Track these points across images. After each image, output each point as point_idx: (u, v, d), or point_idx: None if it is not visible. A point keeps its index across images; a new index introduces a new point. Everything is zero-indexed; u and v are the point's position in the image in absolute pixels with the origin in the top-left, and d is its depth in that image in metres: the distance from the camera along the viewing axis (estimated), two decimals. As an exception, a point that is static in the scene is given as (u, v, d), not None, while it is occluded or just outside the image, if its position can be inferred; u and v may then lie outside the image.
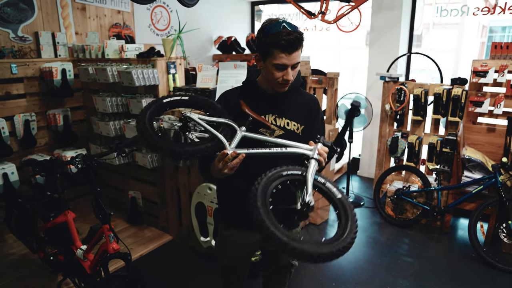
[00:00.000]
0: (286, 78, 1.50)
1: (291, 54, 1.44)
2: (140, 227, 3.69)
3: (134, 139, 2.53)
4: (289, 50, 1.43)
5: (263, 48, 1.48)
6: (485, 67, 3.47)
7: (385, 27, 4.63)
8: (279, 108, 1.62)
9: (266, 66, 1.51)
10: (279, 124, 1.61)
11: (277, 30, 1.43)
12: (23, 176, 3.48)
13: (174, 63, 3.30)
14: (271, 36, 1.43)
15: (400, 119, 4.10)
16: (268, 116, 1.61)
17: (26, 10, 3.64)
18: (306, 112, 1.67)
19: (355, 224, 1.32)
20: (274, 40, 1.42)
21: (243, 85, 1.71)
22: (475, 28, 10.67)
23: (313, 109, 1.70)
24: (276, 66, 1.47)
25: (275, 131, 1.60)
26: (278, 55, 1.44)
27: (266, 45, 1.46)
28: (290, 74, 1.49)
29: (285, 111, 1.63)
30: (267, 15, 6.53)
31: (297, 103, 1.66)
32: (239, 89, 1.71)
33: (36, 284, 2.83)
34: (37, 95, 3.67)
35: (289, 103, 1.64)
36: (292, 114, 1.63)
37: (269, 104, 1.62)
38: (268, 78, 1.54)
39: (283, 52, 1.43)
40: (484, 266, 3.10)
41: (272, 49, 1.44)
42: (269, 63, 1.48)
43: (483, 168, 3.39)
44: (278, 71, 1.48)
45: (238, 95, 1.65)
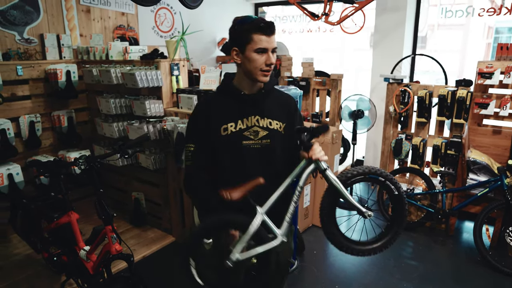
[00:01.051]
0: (269, 62, 1.52)
1: (270, 36, 1.50)
2: (143, 228, 3.70)
3: (137, 141, 2.53)
4: (268, 32, 1.49)
5: (241, 37, 1.51)
6: (491, 68, 3.44)
7: (389, 28, 4.62)
8: (260, 108, 1.62)
9: (247, 56, 1.52)
10: (262, 125, 1.61)
11: (252, 19, 1.50)
12: (28, 177, 3.50)
13: (178, 64, 3.31)
14: (248, 24, 1.49)
15: (404, 121, 4.08)
16: (250, 117, 1.60)
17: (32, 13, 3.67)
18: (286, 110, 1.69)
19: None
20: (253, 26, 1.48)
21: (220, 90, 1.69)
22: (480, 29, 10.61)
23: (291, 106, 1.73)
24: (257, 51, 1.50)
25: (259, 133, 1.60)
26: (258, 38, 1.48)
27: (245, 32, 1.49)
28: (271, 57, 1.52)
29: (267, 111, 1.63)
30: (271, 16, 6.54)
31: (276, 103, 1.68)
32: (217, 94, 1.69)
33: (40, 284, 2.85)
34: (42, 97, 3.70)
35: (269, 103, 1.65)
36: (273, 114, 1.64)
37: (250, 105, 1.61)
38: (250, 69, 1.53)
39: (263, 34, 1.48)
40: (489, 270, 3.07)
41: (251, 34, 1.48)
42: (249, 50, 1.50)
43: (489, 171, 3.36)
44: (260, 56, 1.50)
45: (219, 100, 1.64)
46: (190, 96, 3.08)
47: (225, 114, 1.59)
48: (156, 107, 3.18)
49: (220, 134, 1.56)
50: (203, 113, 1.61)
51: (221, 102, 1.62)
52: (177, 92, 3.24)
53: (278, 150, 1.63)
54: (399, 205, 1.73)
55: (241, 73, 1.60)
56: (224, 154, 1.58)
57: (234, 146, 1.57)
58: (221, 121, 1.57)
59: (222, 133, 1.56)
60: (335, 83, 4.62)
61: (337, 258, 3.27)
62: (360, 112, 4.12)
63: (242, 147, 1.57)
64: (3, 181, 3.19)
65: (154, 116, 3.19)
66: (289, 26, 6.06)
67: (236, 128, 1.57)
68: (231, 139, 1.57)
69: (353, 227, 1.77)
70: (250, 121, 1.59)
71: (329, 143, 3.56)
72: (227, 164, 1.58)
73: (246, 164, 1.57)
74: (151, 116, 3.18)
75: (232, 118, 1.58)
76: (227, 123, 1.57)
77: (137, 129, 3.18)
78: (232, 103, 1.61)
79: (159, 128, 3.14)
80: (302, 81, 4.85)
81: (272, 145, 1.61)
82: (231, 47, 1.57)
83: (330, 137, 3.56)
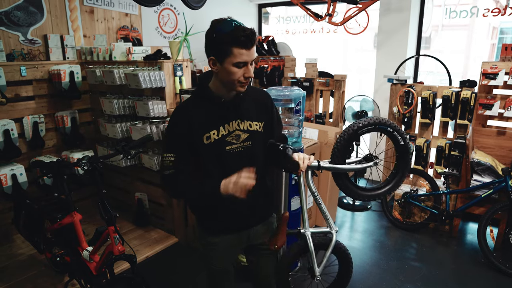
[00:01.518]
0: (248, 75, 1.48)
1: (250, 49, 1.44)
2: (146, 228, 3.70)
3: (139, 141, 2.53)
4: (249, 45, 1.42)
5: (220, 49, 1.44)
6: (495, 69, 3.42)
7: (393, 29, 4.60)
8: (240, 112, 1.61)
9: (225, 68, 1.46)
10: (243, 128, 1.61)
11: (231, 28, 1.41)
12: (32, 177, 3.51)
13: (181, 65, 3.31)
14: (227, 35, 1.40)
15: (408, 121, 4.07)
16: (231, 122, 1.59)
17: (36, 14, 3.69)
18: (264, 109, 1.70)
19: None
20: (232, 38, 1.40)
21: (197, 95, 1.63)
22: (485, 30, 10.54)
23: (268, 103, 1.73)
24: (236, 65, 1.44)
25: (241, 136, 1.60)
26: (239, 52, 1.42)
27: (223, 45, 1.42)
28: (251, 70, 1.48)
29: (246, 114, 1.62)
30: (274, 17, 6.53)
31: (253, 103, 1.67)
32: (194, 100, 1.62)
33: (44, 284, 2.85)
34: (45, 97, 3.71)
35: (247, 105, 1.64)
36: (252, 115, 1.64)
37: (231, 110, 1.59)
38: (228, 80, 1.49)
39: (243, 48, 1.42)
40: (493, 272, 3.05)
41: (230, 47, 1.41)
42: (228, 63, 1.44)
43: (493, 172, 3.34)
44: (239, 69, 1.46)
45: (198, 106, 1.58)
46: (193, 97, 3.08)
47: (206, 121, 1.56)
48: (159, 107, 3.19)
49: (203, 143, 1.54)
50: (183, 122, 1.55)
51: (200, 109, 1.57)
52: (180, 93, 3.24)
53: (258, 149, 1.66)
54: (405, 154, 1.94)
55: (217, 81, 1.56)
56: (208, 161, 1.57)
57: (217, 152, 1.57)
58: (203, 130, 1.55)
59: (205, 142, 1.55)
60: (339, 84, 4.61)
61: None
62: (363, 113, 4.10)
63: (225, 153, 1.57)
64: (7, 181, 3.20)
65: (157, 116, 3.19)
66: (293, 26, 6.06)
67: (218, 135, 1.56)
68: (214, 146, 1.56)
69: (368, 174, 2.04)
70: (232, 126, 1.59)
71: (333, 144, 3.54)
72: (211, 169, 1.58)
73: (230, 168, 1.54)
74: (154, 117, 3.18)
75: (213, 125, 1.56)
76: (210, 131, 1.55)
77: (140, 130, 3.18)
78: (212, 109, 1.57)
79: (162, 128, 3.15)
80: (305, 81, 4.84)
81: (253, 145, 1.63)
82: (209, 55, 1.50)
83: (334, 138, 3.55)
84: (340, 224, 3.94)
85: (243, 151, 1.60)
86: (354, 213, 4.20)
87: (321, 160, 1.82)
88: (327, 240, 1.92)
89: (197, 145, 1.54)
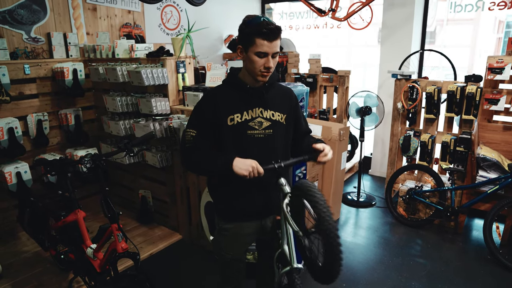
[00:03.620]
0: (268, 66, 1.60)
1: (271, 42, 1.57)
2: (150, 226, 3.71)
3: (142, 139, 2.53)
4: (270, 37, 1.56)
5: (246, 38, 1.60)
6: (501, 63, 3.38)
7: (397, 24, 4.55)
8: (264, 101, 1.74)
9: (248, 56, 1.61)
10: (265, 116, 1.73)
11: (258, 21, 1.56)
12: (36, 175, 3.53)
13: (184, 62, 3.30)
14: (253, 26, 1.56)
15: (412, 117, 4.03)
16: (255, 109, 1.71)
17: (39, 12, 3.69)
18: (287, 102, 1.82)
19: None
20: (256, 30, 1.55)
21: (226, 82, 1.78)
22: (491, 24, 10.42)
23: (292, 98, 1.86)
24: (258, 54, 1.58)
25: (263, 123, 1.72)
26: (260, 42, 1.56)
27: (248, 35, 1.58)
28: (271, 61, 1.61)
29: (270, 103, 1.75)
30: (278, 13, 6.50)
31: (278, 95, 1.80)
32: (224, 87, 1.77)
33: (49, 281, 2.87)
34: (49, 95, 3.72)
35: (271, 96, 1.76)
36: (275, 106, 1.76)
37: (255, 98, 1.72)
38: (250, 68, 1.64)
39: (265, 40, 1.56)
40: (499, 268, 3.02)
41: (254, 37, 1.56)
42: (251, 52, 1.60)
43: (499, 168, 3.30)
44: (260, 59, 1.59)
45: (226, 92, 1.74)
46: (196, 94, 3.07)
47: (231, 105, 1.69)
48: (162, 104, 3.18)
49: (226, 124, 1.67)
50: (210, 103, 1.70)
51: (227, 94, 1.72)
52: (183, 90, 3.23)
53: (279, 138, 1.77)
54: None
55: (245, 69, 1.71)
56: (230, 143, 1.69)
57: (239, 135, 1.69)
58: (228, 112, 1.67)
59: (228, 123, 1.67)
60: (343, 80, 4.58)
61: (343, 256, 3.24)
62: (367, 108, 4.08)
63: (247, 136, 1.69)
64: (12, 179, 3.22)
65: (160, 114, 3.19)
66: (296, 22, 6.02)
67: (241, 118, 1.68)
68: (237, 128, 1.68)
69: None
70: (255, 113, 1.71)
71: (336, 140, 3.53)
72: (230, 149, 1.69)
73: (251, 152, 1.68)
74: (157, 114, 3.18)
75: (238, 109, 1.69)
76: (233, 113, 1.68)
77: (144, 127, 3.18)
78: (238, 95, 1.71)
79: (165, 126, 3.14)
80: (309, 77, 4.82)
81: (274, 134, 1.74)
82: (238, 44, 1.67)
83: (337, 134, 3.53)
84: (345, 221, 3.93)
85: (263, 138, 1.72)
86: (359, 209, 4.18)
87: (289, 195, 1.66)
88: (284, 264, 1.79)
89: (221, 125, 1.67)
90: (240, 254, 1.94)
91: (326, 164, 3.65)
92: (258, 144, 1.71)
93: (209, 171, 1.77)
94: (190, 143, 1.69)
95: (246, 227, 1.84)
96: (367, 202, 4.27)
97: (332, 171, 3.62)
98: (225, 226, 1.85)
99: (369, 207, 4.21)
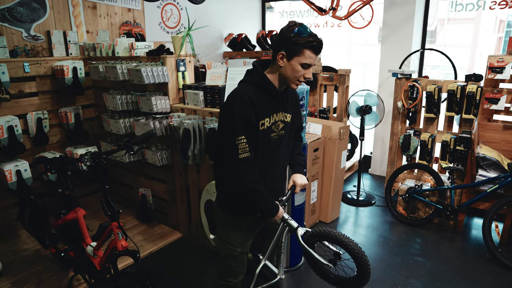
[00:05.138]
0: (308, 76, 1.68)
1: (317, 55, 1.65)
2: (150, 224, 3.71)
3: (142, 137, 2.53)
4: (318, 51, 1.64)
5: (293, 47, 1.62)
6: (502, 62, 3.37)
7: (398, 23, 4.55)
8: (284, 104, 1.81)
9: (291, 64, 1.65)
10: (282, 119, 1.80)
11: (307, 33, 1.61)
12: (36, 173, 3.53)
13: (184, 60, 3.30)
14: (304, 38, 1.60)
15: (412, 116, 4.03)
16: (279, 113, 1.78)
17: (38, 10, 3.69)
18: (294, 103, 1.91)
19: None
20: (308, 42, 1.60)
21: (257, 85, 1.72)
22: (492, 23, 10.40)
23: (297, 99, 1.94)
24: (303, 65, 1.64)
25: (279, 126, 1.80)
26: (309, 54, 1.62)
27: (298, 45, 1.60)
28: (310, 73, 1.69)
29: (286, 105, 1.83)
30: (278, 11, 6.49)
31: (290, 97, 1.86)
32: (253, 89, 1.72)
33: (49, 279, 2.88)
34: (49, 93, 3.72)
35: (287, 98, 1.84)
36: (288, 108, 1.85)
37: (280, 102, 1.78)
38: (289, 75, 1.67)
39: (313, 53, 1.63)
40: (498, 267, 3.03)
41: (303, 49, 1.61)
42: (295, 61, 1.63)
43: (499, 167, 3.30)
44: (303, 70, 1.65)
45: (258, 96, 1.70)
46: (196, 92, 3.07)
47: (264, 109, 1.72)
48: (162, 103, 3.18)
49: (259, 129, 1.70)
50: (250, 107, 1.66)
51: (260, 98, 1.71)
52: (183, 88, 3.23)
53: (287, 138, 1.87)
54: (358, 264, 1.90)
55: (276, 73, 1.72)
56: (260, 145, 1.73)
57: (265, 138, 1.74)
58: (261, 117, 1.70)
59: (260, 128, 1.71)
60: (343, 79, 4.58)
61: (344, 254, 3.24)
62: (367, 107, 4.07)
63: (269, 139, 1.76)
64: (12, 177, 3.22)
65: (160, 112, 3.19)
66: (297, 21, 6.00)
67: (269, 123, 1.74)
68: (264, 133, 1.73)
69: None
70: (278, 116, 1.78)
71: (336, 139, 3.53)
72: (259, 153, 1.74)
73: (271, 153, 1.78)
74: (158, 112, 3.18)
75: (267, 113, 1.73)
76: (264, 118, 1.72)
77: (144, 126, 3.18)
78: (267, 99, 1.73)
79: (166, 124, 3.14)
80: (309, 76, 4.81)
81: (285, 134, 1.84)
82: (279, 49, 1.66)
83: (338, 133, 3.53)
84: (344, 219, 3.93)
85: (278, 138, 1.80)
86: (358, 208, 4.19)
87: (299, 227, 1.91)
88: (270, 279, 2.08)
89: (255, 130, 1.69)
90: (247, 247, 1.98)
91: (326, 163, 3.66)
92: (274, 145, 1.79)
93: (252, 202, 1.76)
94: (245, 152, 1.63)
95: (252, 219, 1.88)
96: (366, 201, 4.28)
97: (332, 170, 3.63)
98: (236, 221, 1.88)
99: (369, 206, 4.21)
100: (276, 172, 1.88)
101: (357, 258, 1.81)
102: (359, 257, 1.81)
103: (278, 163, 1.87)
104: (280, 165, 1.89)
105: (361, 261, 1.81)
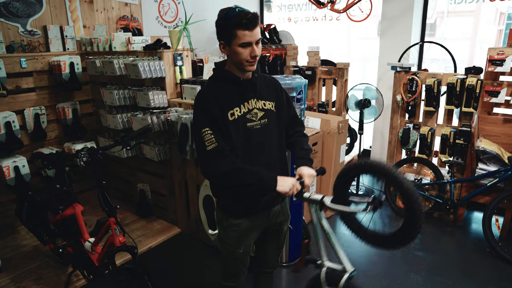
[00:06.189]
0: (254, 54, 1.61)
1: (252, 30, 1.57)
2: (149, 219, 3.71)
3: (139, 132, 2.51)
4: (250, 26, 1.56)
5: (226, 33, 1.60)
6: (502, 55, 3.34)
7: (397, 15, 4.51)
8: (256, 91, 1.75)
9: (233, 49, 1.61)
10: (259, 106, 1.75)
11: (234, 13, 1.57)
12: (34, 169, 3.52)
13: (181, 55, 3.27)
14: (231, 19, 1.57)
15: (411, 110, 4.01)
16: (250, 101, 1.73)
17: (35, 4, 3.65)
18: (273, 90, 1.85)
19: None
20: (235, 22, 1.55)
21: (217, 79, 1.75)
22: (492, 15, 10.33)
23: (277, 86, 1.88)
24: (242, 45, 1.58)
25: (258, 114, 1.74)
26: (242, 34, 1.56)
27: (229, 29, 1.58)
28: (256, 49, 1.61)
29: (260, 93, 1.77)
30: (276, 5, 6.44)
31: (264, 85, 1.82)
32: (215, 83, 1.74)
33: (48, 275, 2.88)
34: (46, 89, 3.70)
35: (260, 86, 1.78)
36: (265, 95, 1.79)
37: (249, 90, 1.73)
38: (237, 60, 1.63)
39: (246, 30, 1.56)
40: (498, 261, 3.02)
41: (235, 30, 1.56)
42: (235, 45, 1.59)
43: (499, 160, 3.29)
44: (245, 49, 1.59)
45: (221, 88, 1.70)
46: (194, 87, 3.05)
47: (230, 100, 1.68)
48: (159, 98, 3.16)
49: (228, 120, 1.66)
50: (214, 100, 1.66)
51: (223, 89, 1.70)
52: (181, 83, 3.21)
53: (274, 127, 1.81)
54: (409, 204, 1.67)
55: (231, 63, 1.70)
56: (234, 137, 1.68)
57: (240, 129, 1.69)
58: (228, 107, 1.67)
59: (230, 118, 1.66)
60: (342, 72, 4.55)
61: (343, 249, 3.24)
62: (367, 101, 4.05)
63: (247, 129, 1.71)
64: (10, 173, 3.21)
65: (158, 107, 3.17)
66: (295, 14, 5.97)
67: (240, 112, 1.69)
68: (237, 123, 1.68)
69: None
70: (250, 104, 1.73)
71: (335, 133, 3.51)
72: (237, 145, 1.69)
73: (252, 143, 1.72)
74: (155, 107, 3.16)
75: (236, 103, 1.69)
76: (233, 108, 1.67)
77: (141, 121, 3.16)
78: (232, 89, 1.70)
79: (163, 119, 3.13)
80: (308, 70, 4.79)
81: (269, 123, 1.78)
82: (219, 40, 1.67)
83: (336, 127, 3.51)
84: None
85: (261, 128, 1.74)
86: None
87: (325, 196, 1.72)
88: (338, 280, 1.84)
89: (225, 121, 1.66)
90: (249, 247, 1.92)
91: (325, 157, 3.64)
92: (257, 135, 1.73)
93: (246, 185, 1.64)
94: (212, 143, 1.60)
95: (255, 220, 1.84)
96: (365, 195, 4.27)
97: (331, 164, 3.61)
98: (235, 222, 1.81)
99: (368, 200, 4.20)
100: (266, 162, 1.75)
101: (407, 195, 1.54)
102: (410, 194, 1.53)
103: (270, 153, 1.77)
104: (272, 155, 1.79)
105: (412, 199, 1.53)
